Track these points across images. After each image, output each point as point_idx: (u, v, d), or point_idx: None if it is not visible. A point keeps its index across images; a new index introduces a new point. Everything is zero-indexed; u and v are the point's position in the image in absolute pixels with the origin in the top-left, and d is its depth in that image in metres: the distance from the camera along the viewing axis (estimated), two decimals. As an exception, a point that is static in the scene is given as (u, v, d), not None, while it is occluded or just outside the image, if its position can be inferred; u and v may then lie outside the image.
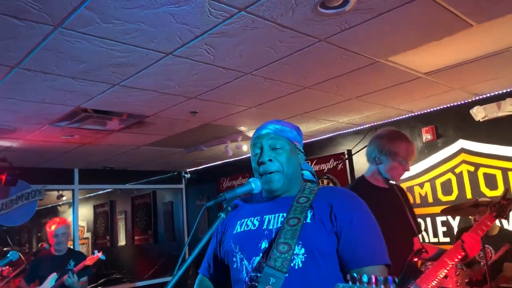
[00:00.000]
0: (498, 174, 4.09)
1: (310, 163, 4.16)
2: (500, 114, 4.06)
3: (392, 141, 2.35)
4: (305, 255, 1.36)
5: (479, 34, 2.76)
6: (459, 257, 2.22)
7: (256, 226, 1.49)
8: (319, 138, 5.59)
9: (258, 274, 1.36)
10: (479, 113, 4.17)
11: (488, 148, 4.17)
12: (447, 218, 4.40)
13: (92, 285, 6.58)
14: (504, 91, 4.05)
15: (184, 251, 1.42)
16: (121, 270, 8.06)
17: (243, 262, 1.43)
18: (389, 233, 2.03)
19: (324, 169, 5.52)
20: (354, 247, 1.38)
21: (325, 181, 5.53)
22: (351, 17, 2.32)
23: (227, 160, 6.77)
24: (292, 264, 1.34)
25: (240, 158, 6.50)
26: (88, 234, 9.73)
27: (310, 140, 5.67)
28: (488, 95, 4.15)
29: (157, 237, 7.96)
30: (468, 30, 2.65)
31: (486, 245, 3.45)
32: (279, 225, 1.43)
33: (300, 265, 1.35)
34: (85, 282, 3.90)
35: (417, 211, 4.62)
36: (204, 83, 3.19)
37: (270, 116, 4.30)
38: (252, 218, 1.52)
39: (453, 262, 2.21)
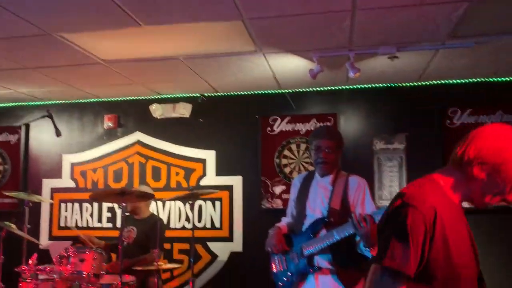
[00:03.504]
0: (163, 168, 4.53)
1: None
2: (174, 115, 4.52)
3: None
4: None
5: (150, 36, 2.97)
6: None
7: None
8: (-8, 106, 4.88)
9: None
10: (157, 111, 4.51)
11: (160, 144, 4.57)
12: (113, 205, 4.55)
13: None
14: (180, 95, 4.53)
15: None
16: None
17: None
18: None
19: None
20: None
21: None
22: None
23: None
24: None
25: None
26: None
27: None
28: (167, 96, 4.55)
29: None
30: (139, 29, 2.81)
31: (131, 226, 3.79)
32: None
33: None
34: None
35: (86, 195, 4.62)
36: None
37: None
38: None
39: None
